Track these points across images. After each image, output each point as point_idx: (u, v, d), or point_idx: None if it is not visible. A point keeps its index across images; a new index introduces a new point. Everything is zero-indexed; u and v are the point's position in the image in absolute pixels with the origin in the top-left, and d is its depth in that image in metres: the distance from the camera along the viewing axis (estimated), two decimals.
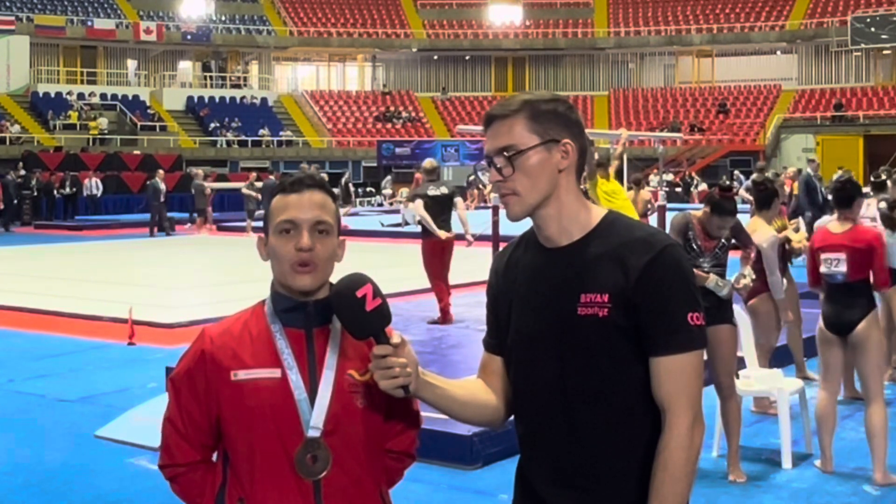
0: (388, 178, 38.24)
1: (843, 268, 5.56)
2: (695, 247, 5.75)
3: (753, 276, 6.36)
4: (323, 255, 2.11)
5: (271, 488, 2.09)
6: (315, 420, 2.08)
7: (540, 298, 2.11)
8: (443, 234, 10.08)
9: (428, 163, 10.95)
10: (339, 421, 2.10)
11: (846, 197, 5.76)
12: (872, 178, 9.86)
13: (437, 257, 10.19)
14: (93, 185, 32.37)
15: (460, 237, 10.45)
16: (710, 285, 5.62)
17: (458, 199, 10.51)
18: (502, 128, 2.09)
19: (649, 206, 13.55)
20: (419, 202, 10.24)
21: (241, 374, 2.10)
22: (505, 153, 2.07)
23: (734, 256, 6.09)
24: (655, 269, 2.01)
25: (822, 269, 5.65)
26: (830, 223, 5.86)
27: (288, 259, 2.10)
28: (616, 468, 2.06)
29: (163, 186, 25.38)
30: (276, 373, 2.10)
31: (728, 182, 16.40)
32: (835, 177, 9.58)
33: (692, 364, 2.02)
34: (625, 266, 2.02)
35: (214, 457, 2.22)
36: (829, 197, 9.04)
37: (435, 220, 10.11)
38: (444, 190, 10.31)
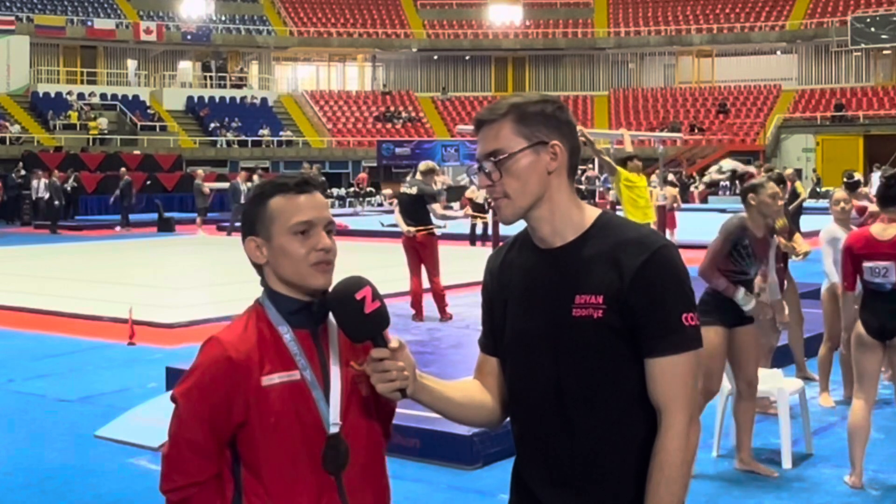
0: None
1: (892, 277, 5.30)
2: (747, 255, 5.57)
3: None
4: (336, 254, 2.15)
5: (294, 489, 2.10)
6: (333, 416, 2.11)
7: (534, 300, 2.11)
8: (404, 229, 10.69)
9: (423, 165, 11.35)
10: (350, 413, 2.14)
11: (893, 195, 5.44)
12: (846, 179, 9.60)
13: (408, 253, 10.80)
14: (41, 186, 27.85)
15: (430, 234, 10.79)
16: (738, 298, 5.53)
17: (436, 206, 10.93)
18: (490, 132, 2.10)
19: (675, 202, 13.99)
20: (396, 202, 11.07)
21: (266, 380, 2.09)
22: (492, 158, 2.08)
23: None
24: (649, 270, 2.01)
25: (867, 276, 5.38)
26: (874, 226, 5.50)
27: (307, 260, 2.10)
28: (612, 469, 2.07)
29: (244, 187, 25.16)
30: (294, 375, 2.11)
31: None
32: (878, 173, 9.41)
33: (687, 364, 2.02)
34: (619, 267, 2.02)
35: None
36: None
37: (405, 217, 10.71)
38: (413, 190, 10.76)
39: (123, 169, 29.15)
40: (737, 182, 22.53)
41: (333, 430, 2.10)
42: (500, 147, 2.08)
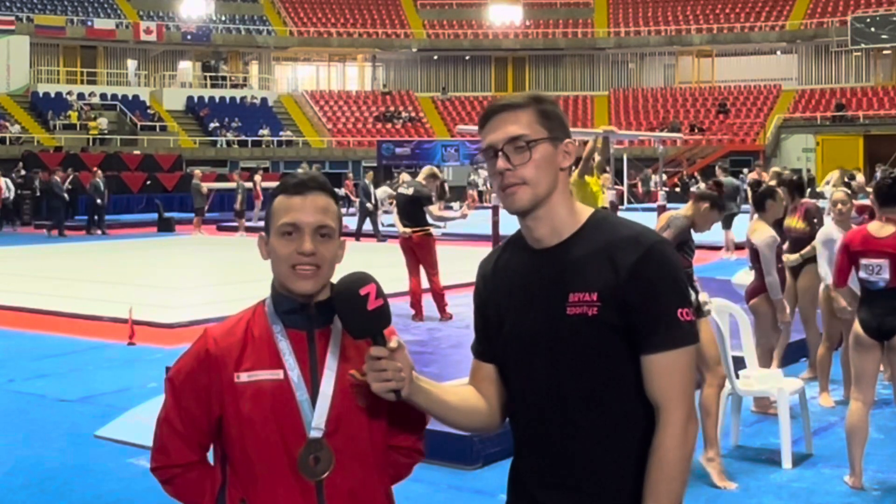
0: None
1: (885, 274, 5.31)
2: (692, 251, 5.72)
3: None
4: (324, 259, 2.11)
5: (273, 489, 2.09)
6: (317, 421, 2.09)
7: (530, 300, 2.11)
8: (400, 230, 10.82)
9: (426, 169, 11.59)
10: (341, 421, 2.10)
11: (893, 195, 5.44)
12: (846, 180, 9.67)
13: (406, 254, 10.89)
14: (3, 185, 27.10)
15: (427, 235, 10.87)
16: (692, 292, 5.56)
17: (432, 208, 11.06)
18: (511, 117, 2.09)
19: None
20: (394, 203, 11.33)
21: (244, 376, 2.10)
22: (517, 142, 2.06)
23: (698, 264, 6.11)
24: (644, 267, 2.01)
25: (862, 274, 5.40)
26: (871, 224, 5.53)
27: (288, 261, 2.10)
28: (610, 467, 2.06)
29: None
30: (278, 374, 2.10)
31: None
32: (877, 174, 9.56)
33: (684, 360, 2.02)
34: (613, 264, 2.02)
35: (210, 457, 2.22)
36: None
37: (401, 217, 10.87)
38: (409, 191, 10.94)
39: (96, 168, 28.67)
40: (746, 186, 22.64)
41: (315, 434, 2.08)
42: (524, 133, 2.07)
